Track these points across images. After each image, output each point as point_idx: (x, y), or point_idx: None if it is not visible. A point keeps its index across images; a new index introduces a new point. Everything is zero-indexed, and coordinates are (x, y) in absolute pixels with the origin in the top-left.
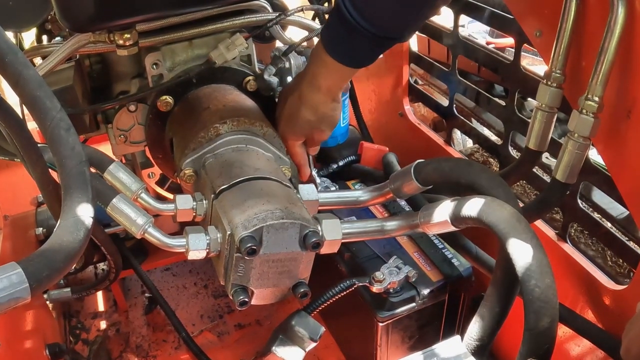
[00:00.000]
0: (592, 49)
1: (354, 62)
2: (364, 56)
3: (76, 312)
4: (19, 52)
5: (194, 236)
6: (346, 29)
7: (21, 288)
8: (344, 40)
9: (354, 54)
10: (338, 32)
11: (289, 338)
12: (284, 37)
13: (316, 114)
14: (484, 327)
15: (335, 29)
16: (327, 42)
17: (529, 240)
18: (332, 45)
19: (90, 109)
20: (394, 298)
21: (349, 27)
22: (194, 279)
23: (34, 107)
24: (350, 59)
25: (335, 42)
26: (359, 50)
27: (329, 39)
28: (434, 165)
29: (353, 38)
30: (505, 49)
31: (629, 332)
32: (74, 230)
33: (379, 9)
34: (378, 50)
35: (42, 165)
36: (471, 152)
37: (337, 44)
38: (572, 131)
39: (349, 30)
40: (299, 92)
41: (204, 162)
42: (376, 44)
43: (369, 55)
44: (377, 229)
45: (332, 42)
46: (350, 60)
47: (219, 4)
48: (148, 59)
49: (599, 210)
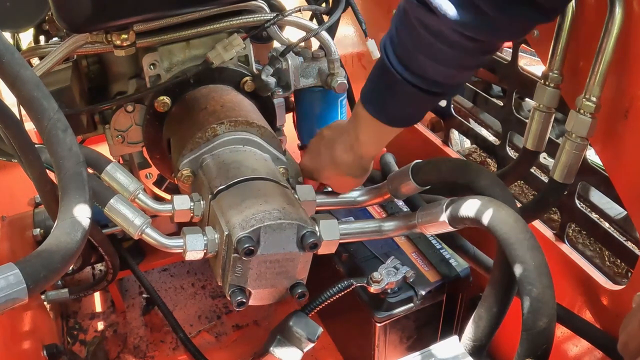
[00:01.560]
0: (589, 50)
1: (401, 121)
2: (412, 114)
3: (74, 312)
4: (16, 52)
5: (191, 237)
6: (392, 87)
7: (18, 289)
8: (389, 99)
9: (400, 112)
10: (382, 90)
11: (287, 339)
12: (281, 37)
13: (339, 171)
14: (482, 328)
15: (378, 87)
16: (370, 102)
17: (527, 241)
18: (375, 105)
19: (87, 110)
20: (392, 298)
21: (395, 83)
22: (191, 279)
23: (31, 108)
24: (396, 118)
25: (380, 102)
26: (407, 107)
27: (371, 98)
28: (432, 165)
29: (400, 96)
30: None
31: (627, 327)
32: (71, 231)
33: (430, 64)
34: (427, 107)
35: (39, 166)
36: (469, 153)
37: (382, 104)
38: (570, 131)
39: (395, 87)
40: (333, 151)
41: (201, 162)
42: (425, 99)
43: (417, 112)
44: (374, 229)
45: (375, 101)
46: (396, 120)
47: (217, 5)
48: (145, 59)
49: (597, 211)
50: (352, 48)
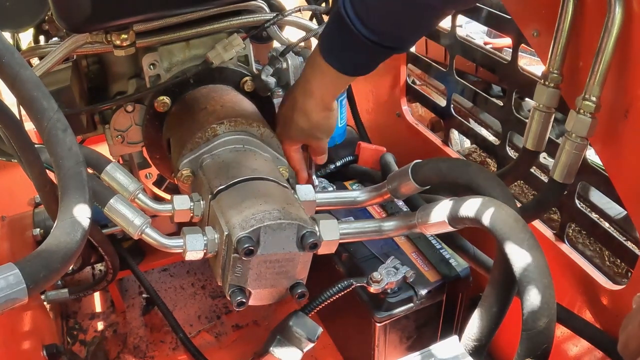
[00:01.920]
0: (589, 49)
1: (351, 70)
2: (363, 65)
3: (74, 312)
4: (16, 52)
5: (191, 237)
6: (346, 36)
7: (18, 289)
8: (342, 47)
9: (352, 61)
10: (337, 38)
11: (287, 339)
12: (281, 37)
13: (309, 122)
14: (482, 328)
15: (334, 35)
16: (325, 48)
17: (527, 241)
18: (330, 51)
19: (87, 110)
20: (392, 298)
21: (349, 34)
22: (191, 279)
23: (31, 108)
24: (347, 66)
25: (333, 49)
26: (358, 58)
27: (326, 45)
28: (432, 165)
29: (352, 45)
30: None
31: (627, 327)
32: (71, 231)
33: (383, 17)
34: (377, 59)
35: (39, 166)
36: (469, 153)
37: (335, 51)
38: (570, 131)
39: (349, 37)
40: (293, 97)
41: (201, 162)
42: (376, 52)
43: (367, 64)
44: (374, 229)
45: (330, 48)
46: (347, 68)
47: (217, 5)
48: (145, 59)
49: (597, 211)
50: None
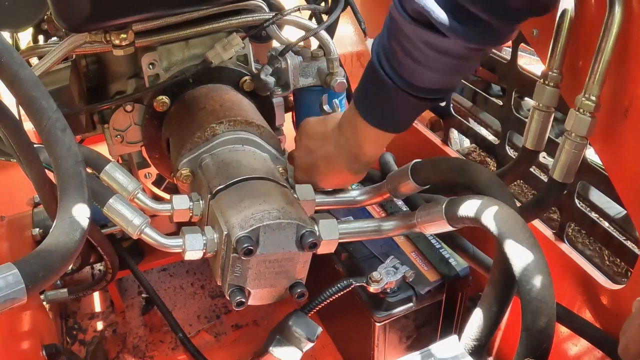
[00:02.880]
0: (589, 48)
1: (395, 126)
2: (405, 120)
3: (73, 312)
4: (15, 52)
5: (190, 236)
6: (384, 92)
7: (17, 289)
8: (382, 104)
9: (393, 118)
10: (374, 95)
11: (286, 338)
12: (280, 36)
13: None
14: (482, 327)
15: (371, 93)
16: (364, 109)
17: (526, 240)
18: (369, 112)
19: (86, 109)
20: (391, 298)
21: (387, 89)
22: (190, 279)
23: (30, 108)
24: (390, 123)
25: (373, 108)
26: (398, 113)
27: (365, 105)
28: (431, 165)
29: (393, 102)
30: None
31: (627, 330)
32: (70, 231)
33: (422, 70)
34: (419, 111)
35: (38, 166)
36: (468, 152)
37: (376, 110)
38: (569, 130)
39: (388, 93)
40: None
41: (200, 162)
42: (417, 104)
43: (410, 117)
44: (374, 229)
45: (369, 108)
46: (390, 125)
47: (216, 4)
48: (144, 59)
49: (597, 210)
50: (352, 47)
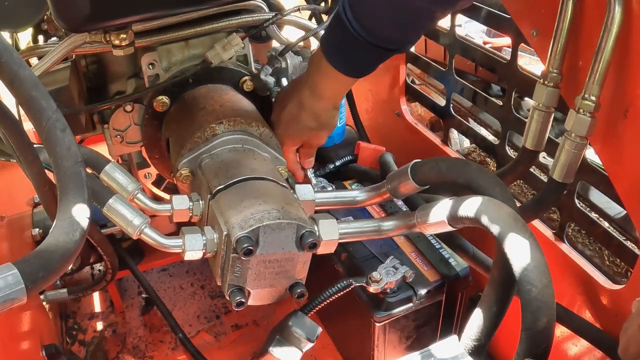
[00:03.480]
0: (589, 48)
1: (355, 71)
2: (365, 66)
3: (73, 312)
4: (14, 52)
5: (190, 237)
6: (346, 39)
7: (17, 289)
8: (344, 49)
9: (354, 63)
10: (338, 41)
11: (286, 338)
12: (280, 37)
13: (317, 121)
14: (481, 327)
15: (335, 38)
16: (328, 51)
17: (526, 240)
18: (333, 54)
19: (86, 109)
20: (391, 298)
21: (349, 36)
22: (190, 279)
23: (29, 108)
24: (351, 68)
25: (336, 51)
26: (360, 60)
27: (329, 48)
28: (431, 165)
29: (353, 48)
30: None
31: (627, 331)
32: (70, 231)
33: (379, 20)
34: (378, 60)
35: (38, 166)
36: (468, 152)
37: (338, 53)
38: (569, 131)
39: (349, 39)
40: (298, 98)
41: (200, 162)
42: (376, 54)
43: (369, 64)
44: (374, 229)
45: (333, 51)
46: (351, 70)
47: (215, 4)
48: (144, 59)
49: (597, 210)
50: None
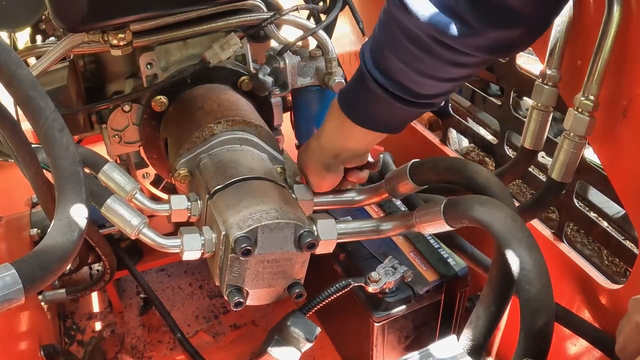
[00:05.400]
0: (587, 48)
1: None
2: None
3: (71, 313)
4: (12, 52)
5: (188, 237)
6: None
7: (15, 289)
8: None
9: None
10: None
11: (285, 339)
12: (278, 36)
13: None
14: (480, 327)
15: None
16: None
17: (525, 240)
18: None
19: (84, 109)
20: (390, 298)
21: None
22: (189, 279)
23: (27, 107)
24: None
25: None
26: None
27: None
28: (430, 164)
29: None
30: None
31: (624, 329)
32: (67, 231)
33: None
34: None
35: (35, 166)
36: (467, 152)
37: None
38: (568, 130)
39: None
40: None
41: (198, 162)
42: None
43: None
44: (372, 228)
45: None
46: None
47: (214, 4)
48: (142, 58)
49: (595, 210)
50: (350, 47)
